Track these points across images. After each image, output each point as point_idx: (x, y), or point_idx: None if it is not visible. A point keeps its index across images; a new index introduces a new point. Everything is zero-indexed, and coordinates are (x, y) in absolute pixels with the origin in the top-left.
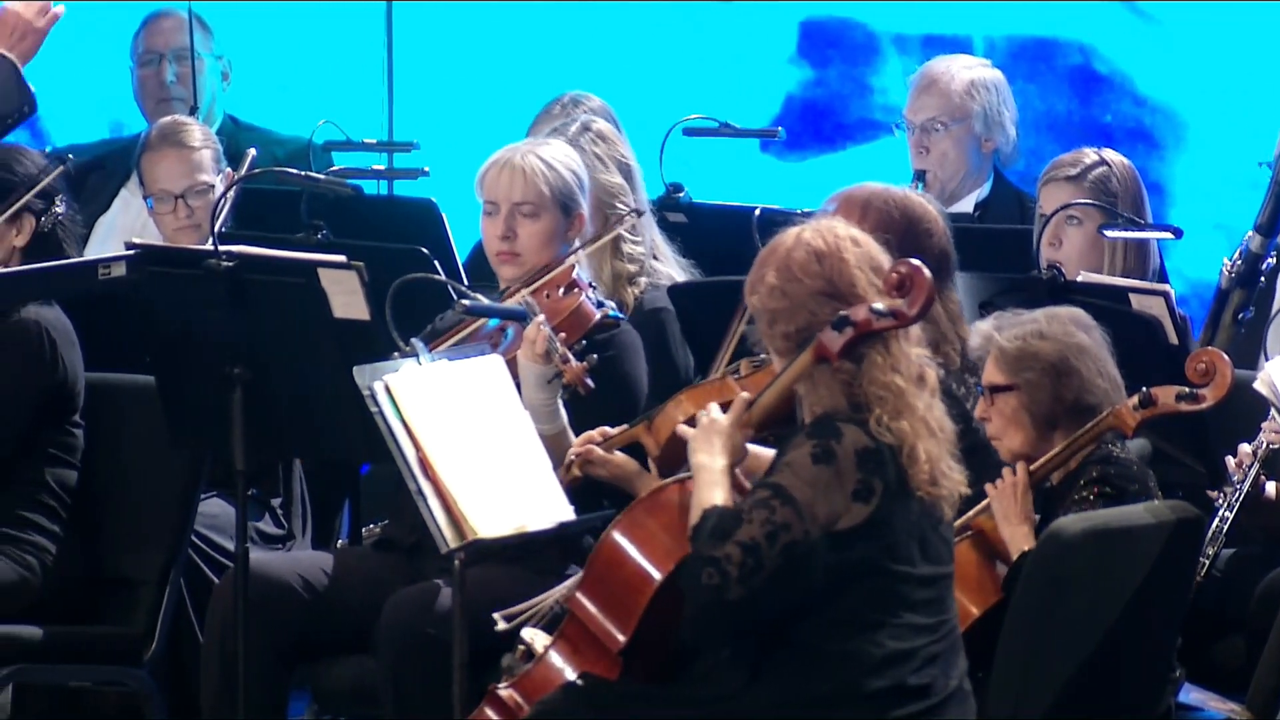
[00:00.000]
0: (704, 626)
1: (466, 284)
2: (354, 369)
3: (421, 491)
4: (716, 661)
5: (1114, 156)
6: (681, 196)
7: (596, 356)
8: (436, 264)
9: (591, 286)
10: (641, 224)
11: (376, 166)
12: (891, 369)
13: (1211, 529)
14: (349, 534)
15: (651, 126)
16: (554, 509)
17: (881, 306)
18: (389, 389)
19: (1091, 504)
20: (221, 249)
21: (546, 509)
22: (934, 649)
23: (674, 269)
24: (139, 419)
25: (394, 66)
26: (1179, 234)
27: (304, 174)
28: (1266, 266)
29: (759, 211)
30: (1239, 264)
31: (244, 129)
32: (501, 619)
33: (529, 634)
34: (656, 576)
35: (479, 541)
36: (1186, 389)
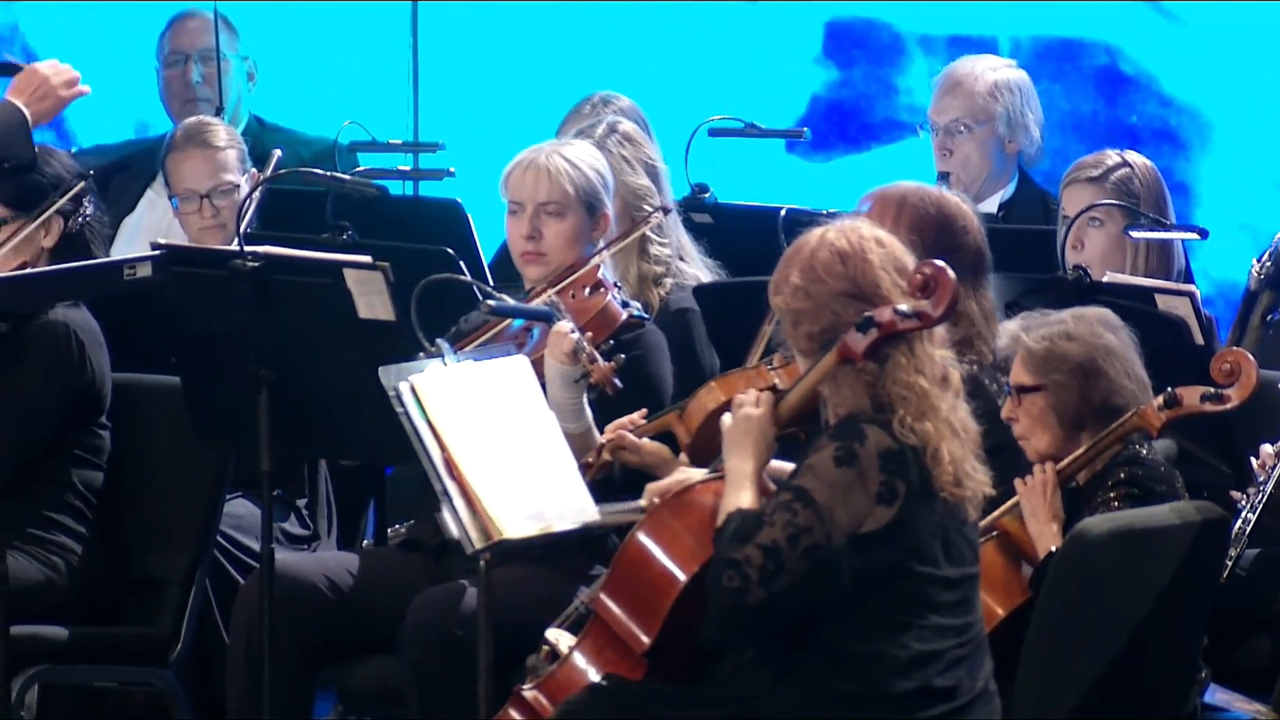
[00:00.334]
0: (726, 629)
1: (492, 284)
2: (379, 369)
3: (447, 492)
4: (741, 663)
5: (1136, 158)
6: (707, 197)
7: (624, 356)
8: (462, 264)
9: (617, 286)
10: (667, 224)
11: (402, 167)
12: (915, 370)
13: (1235, 529)
14: (374, 534)
15: (677, 127)
16: (580, 509)
17: (906, 308)
18: (414, 390)
19: (1118, 507)
20: (247, 249)
21: (572, 509)
22: (960, 650)
23: (700, 269)
24: (164, 419)
25: (419, 67)
26: (1204, 234)
27: (329, 174)
28: None
29: (784, 212)
30: (1268, 265)
31: (269, 129)
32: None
33: (553, 634)
34: (681, 578)
35: (505, 542)
36: (1211, 389)
